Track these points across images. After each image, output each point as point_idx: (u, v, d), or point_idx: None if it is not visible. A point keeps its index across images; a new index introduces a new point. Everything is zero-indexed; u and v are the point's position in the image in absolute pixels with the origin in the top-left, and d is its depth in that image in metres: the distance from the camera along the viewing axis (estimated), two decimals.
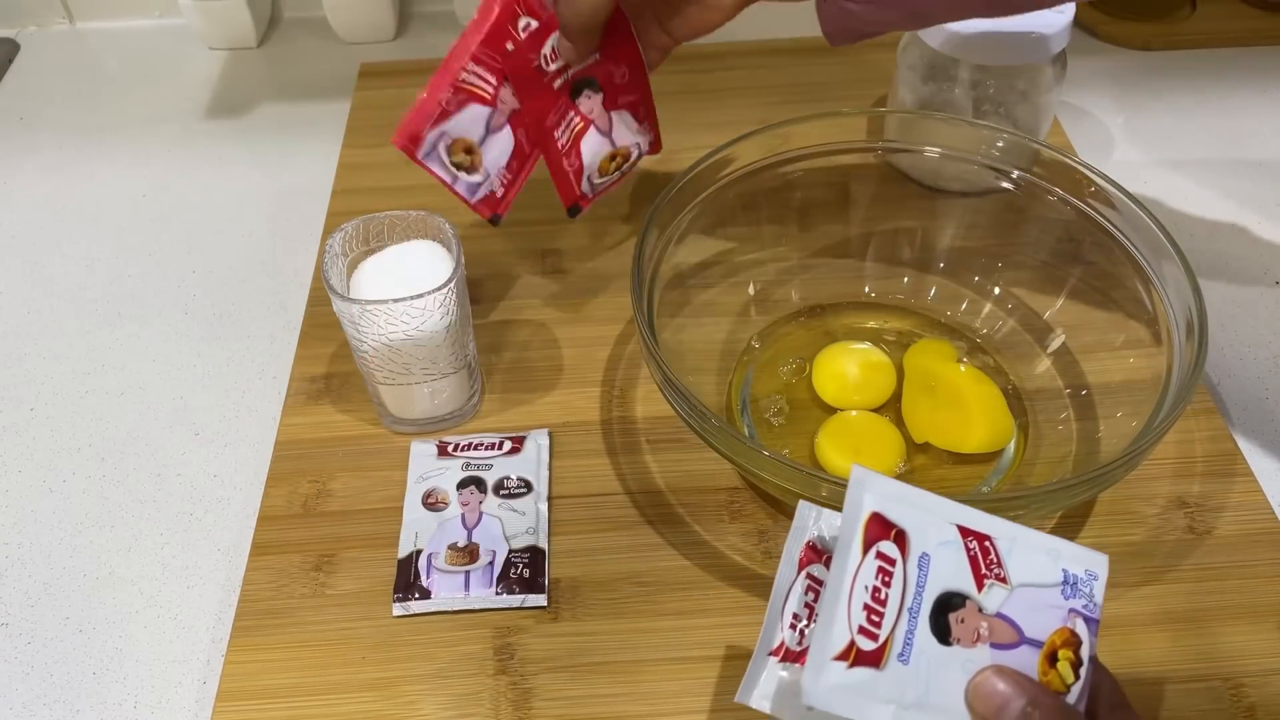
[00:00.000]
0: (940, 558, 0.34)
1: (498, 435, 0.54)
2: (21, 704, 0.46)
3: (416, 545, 0.50)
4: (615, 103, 0.56)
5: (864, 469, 0.35)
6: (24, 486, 0.55)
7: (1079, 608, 0.34)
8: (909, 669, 0.32)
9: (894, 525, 0.34)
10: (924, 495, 0.35)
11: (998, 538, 0.35)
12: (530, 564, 0.49)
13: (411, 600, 0.48)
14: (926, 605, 0.33)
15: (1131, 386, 0.50)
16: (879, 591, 0.33)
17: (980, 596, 0.34)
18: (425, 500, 0.51)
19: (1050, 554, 0.35)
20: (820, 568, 0.36)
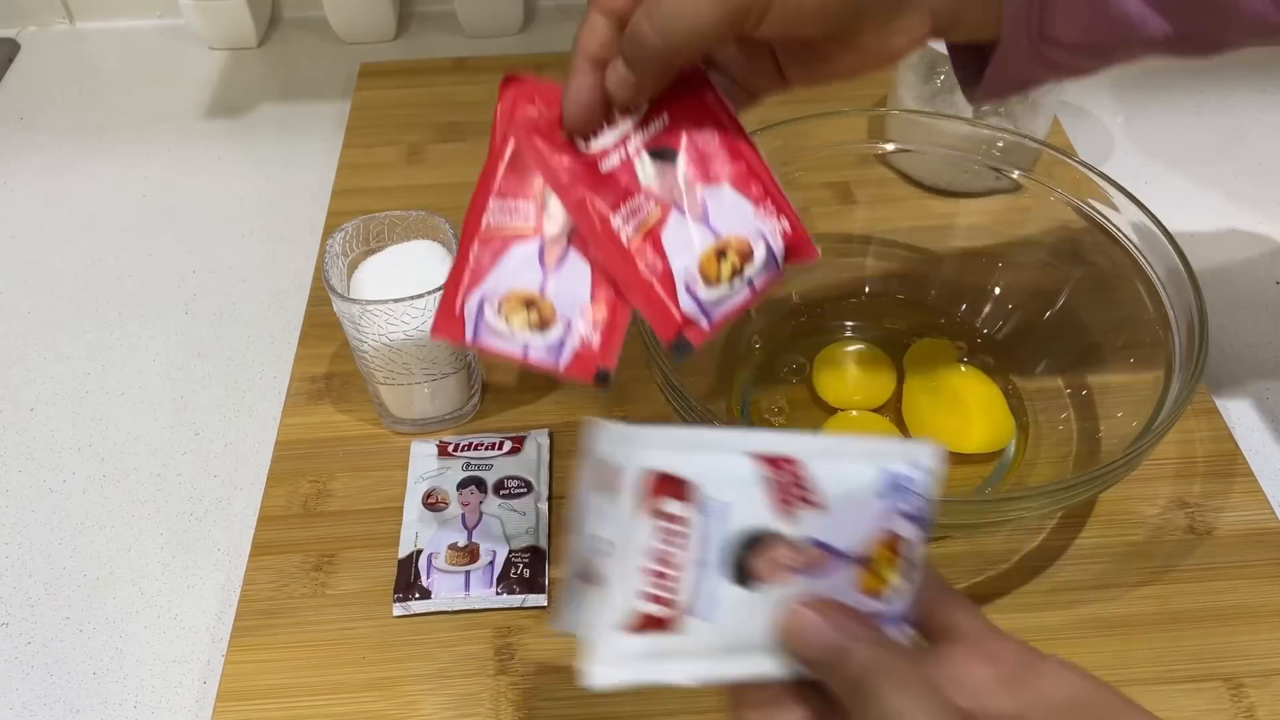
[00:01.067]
0: (735, 499, 0.30)
1: (498, 435, 0.54)
2: (21, 704, 0.46)
3: (417, 545, 0.50)
4: (708, 176, 0.38)
5: (628, 426, 0.30)
6: (24, 486, 0.55)
7: (903, 507, 0.32)
8: (711, 623, 0.30)
9: (675, 478, 0.30)
10: (708, 433, 0.31)
11: (802, 457, 0.31)
12: (531, 564, 0.49)
13: (412, 600, 0.48)
14: (724, 555, 0.30)
15: (1132, 387, 0.50)
16: (666, 553, 0.30)
17: (786, 528, 0.30)
18: (425, 500, 0.51)
19: (867, 458, 0.32)
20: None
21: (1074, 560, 0.49)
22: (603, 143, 0.37)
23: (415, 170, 0.72)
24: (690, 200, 0.38)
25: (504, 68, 0.80)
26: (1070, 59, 0.37)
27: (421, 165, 0.72)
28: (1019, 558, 0.49)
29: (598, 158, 0.37)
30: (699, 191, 0.38)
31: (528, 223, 0.38)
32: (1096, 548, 0.50)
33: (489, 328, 0.38)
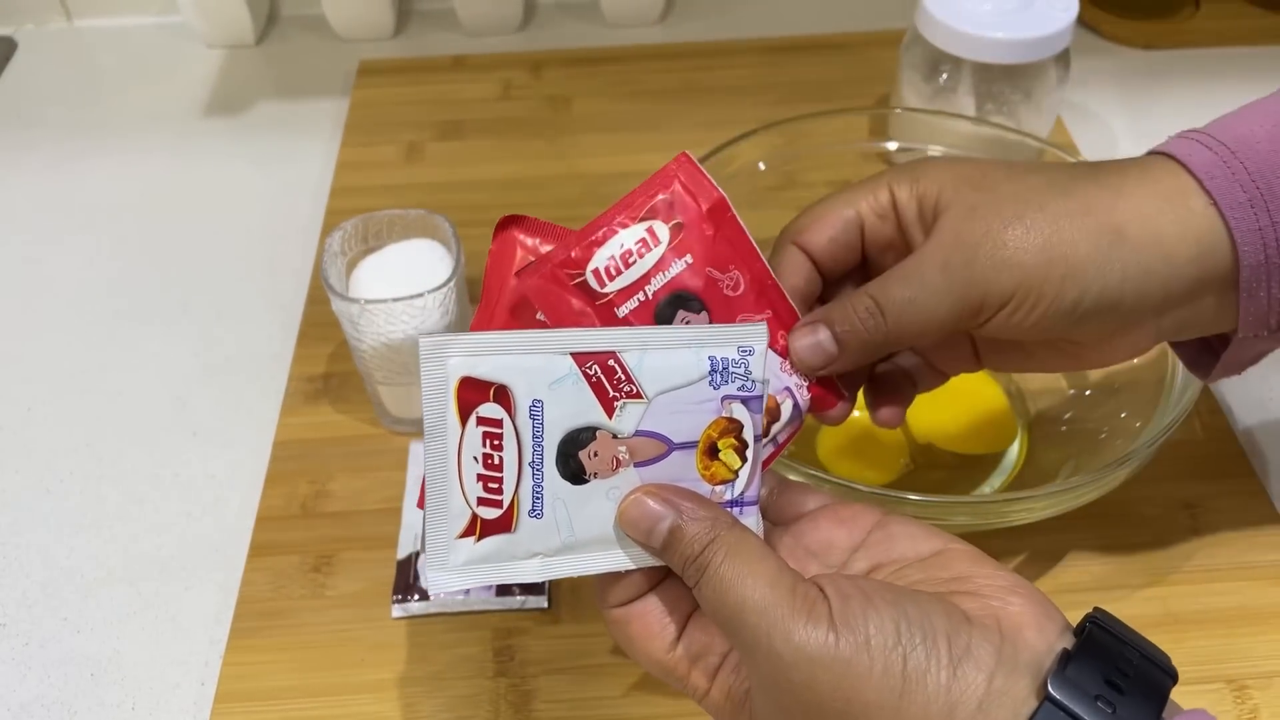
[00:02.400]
0: (555, 398, 0.31)
1: None
2: (19, 705, 0.46)
3: (416, 546, 0.49)
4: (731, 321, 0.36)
5: (433, 336, 0.31)
6: (22, 486, 0.55)
7: (734, 391, 0.32)
8: (545, 520, 0.31)
9: (490, 383, 0.30)
10: (523, 334, 0.31)
11: (623, 350, 0.31)
12: None
13: (411, 601, 0.47)
14: (550, 452, 0.31)
15: (1135, 387, 0.50)
16: (490, 457, 0.30)
17: (612, 422, 0.31)
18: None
19: (692, 345, 0.32)
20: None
21: (1076, 561, 0.49)
22: (619, 283, 0.34)
23: (414, 168, 0.72)
24: None
25: (503, 65, 0.81)
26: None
27: (421, 163, 0.72)
28: (1021, 559, 0.49)
29: (614, 300, 0.34)
30: None
31: None
32: (1098, 549, 0.50)
33: None
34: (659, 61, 0.80)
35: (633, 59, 0.80)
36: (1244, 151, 0.32)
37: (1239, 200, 0.32)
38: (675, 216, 0.35)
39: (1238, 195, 0.32)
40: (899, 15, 0.76)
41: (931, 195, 0.35)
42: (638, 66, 0.79)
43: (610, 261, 0.34)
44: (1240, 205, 0.32)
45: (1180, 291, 0.33)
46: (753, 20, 0.85)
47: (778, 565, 0.29)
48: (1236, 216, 0.32)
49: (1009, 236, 0.32)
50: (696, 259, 0.35)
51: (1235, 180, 0.32)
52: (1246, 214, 0.32)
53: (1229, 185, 0.32)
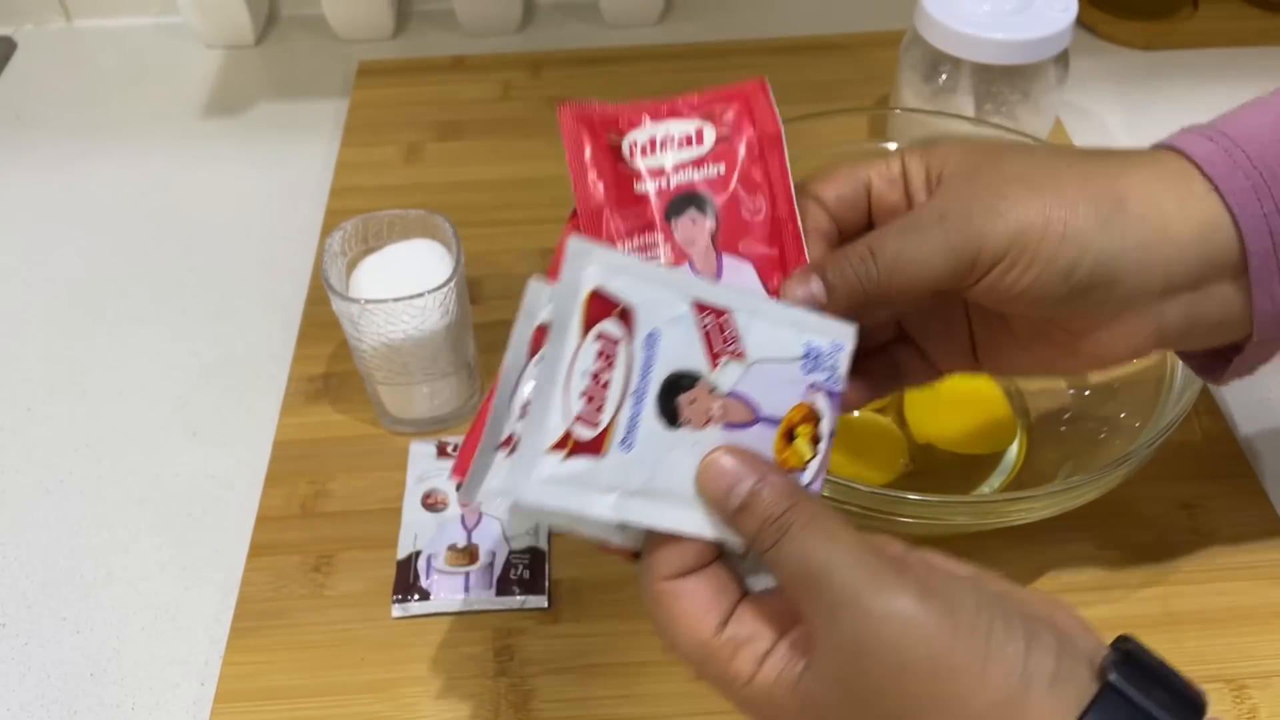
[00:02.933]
0: (670, 335, 0.31)
1: None
2: (19, 705, 0.46)
3: (416, 546, 0.49)
4: (734, 245, 0.35)
5: (582, 240, 0.31)
6: (21, 487, 0.55)
7: (820, 382, 0.32)
8: (633, 455, 0.30)
9: (618, 302, 0.30)
10: (655, 268, 0.32)
11: (736, 311, 0.32)
12: (530, 565, 0.48)
13: (411, 601, 0.47)
14: (653, 387, 0.31)
15: (1134, 387, 0.50)
16: (600, 376, 0.30)
17: (713, 375, 0.31)
18: (425, 501, 0.51)
19: (794, 327, 0.32)
20: None
21: (1076, 561, 0.49)
22: (649, 162, 0.34)
23: (414, 169, 0.72)
24: (704, 260, 0.35)
25: (503, 65, 0.81)
26: None
27: (420, 164, 0.72)
28: (1021, 559, 0.49)
29: (637, 174, 0.34)
30: (721, 261, 0.35)
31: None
32: (1098, 549, 0.50)
33: None
34: (658, 62, 0.80)
35: (632, 59, 0.80)
36: (1245, 141, 0.32)
37: (1241, 186, 0.31)
38: (726, 128, 0.35)
39: (1240, 181, 0.31)
40: (898, 16, 0.76)
41: (938, 165, 0.35)
42: (637, 67, 0.79)
43: (649, 140, 0.35)
44: (1243, 191, 0.31)
45: (1183, 274, 0.32)
46: (752, 21, 0.85)
47: (859, 534, 0.29)
48: (1239, 202, 0.32)
49: (1009, 191, 0.32)
50: (728, 172, 0.35)
51: (1237, 168, 0.32)
52: (1250, 199, 0.31)
53: (1230, 172, 0.32)
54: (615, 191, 0.34)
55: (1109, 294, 0.32)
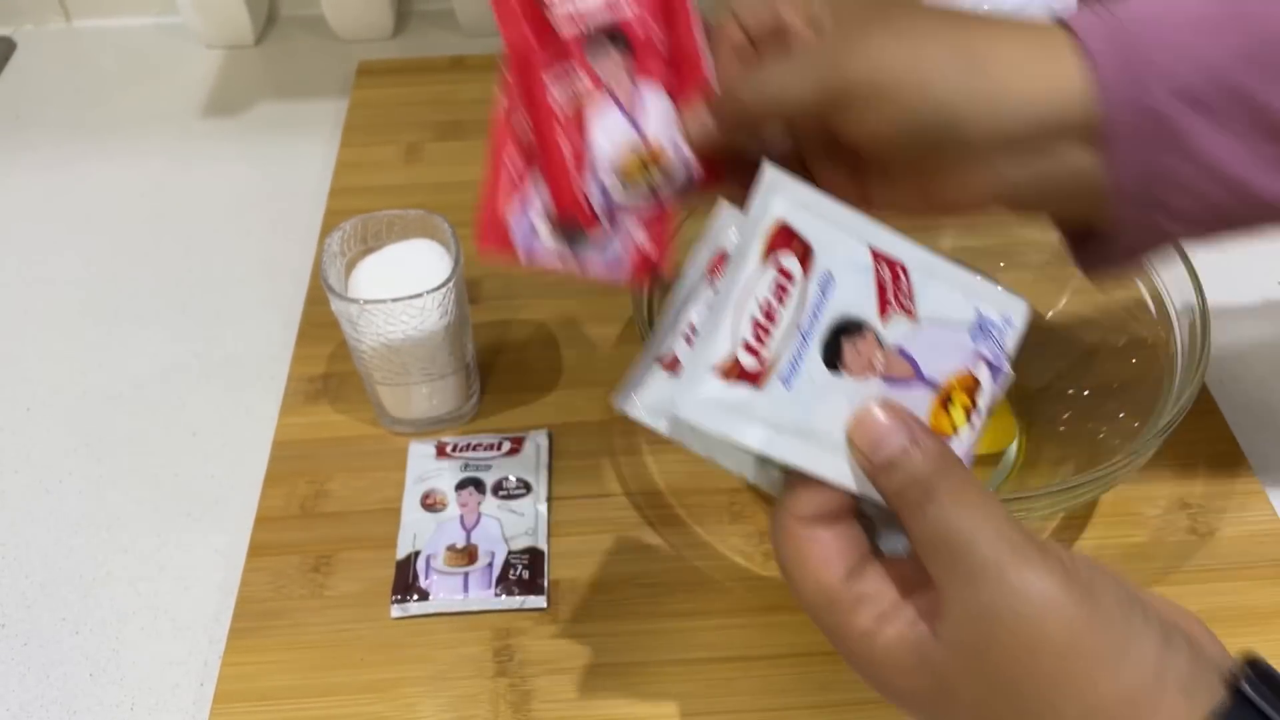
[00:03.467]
0: (846, 280, 0.31)
1: (497, 436, 0.54)
2: (19, 705, 0.46)
3: (415, 546, 0.49)
4: (648, 70, 0.38)
5: (778, 171, 0.31)
6: (21, 487, 0.55)
7: (986, 353, 0.32)
8: (791, 393, 0.30)
9: (801, 238, 0.31)
10: (842, 210, 0.32)
11: (913, 267, 0.32)
12: (529, 565, 0.48)
13: (410, 601, 0.47)
14: (821, 328, 0.31)
15: (1134, 387, 0.50)
16: (772, 306, 0.30)
17: (882, 327, 0.31)
18: (424, 501, 0.51)
19: (967, 292, 0.32)
20: None
21: None
22: (570, 6, 0.37)
23: (414, 169, 0.72)
24: (624, 90, 0.38)
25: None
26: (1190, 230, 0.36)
27: (420, 164, 0.72)
28: None
29: (557, 21, 0.37)
30: (640, 89, 0.38)
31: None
32: (1098, 549, 0.50)
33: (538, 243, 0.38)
34: None
35: None
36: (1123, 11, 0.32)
37: (1106, 49, 0.32)
38: None
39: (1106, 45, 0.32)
40: None
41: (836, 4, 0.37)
42: None
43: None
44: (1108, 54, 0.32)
45: (1032, 127, 0.33)
46: None
47: (1005, 508, 0.29)
48: (1103, 64, 0.32)
49: (874, 31, 0.34)
50: (639, 8, 0.38)
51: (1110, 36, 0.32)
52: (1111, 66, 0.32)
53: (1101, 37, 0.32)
54: (539, 38, 0.37)
55: (948, 142, 0.34)
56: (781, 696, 0.45)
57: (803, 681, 0.45)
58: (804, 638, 0.46)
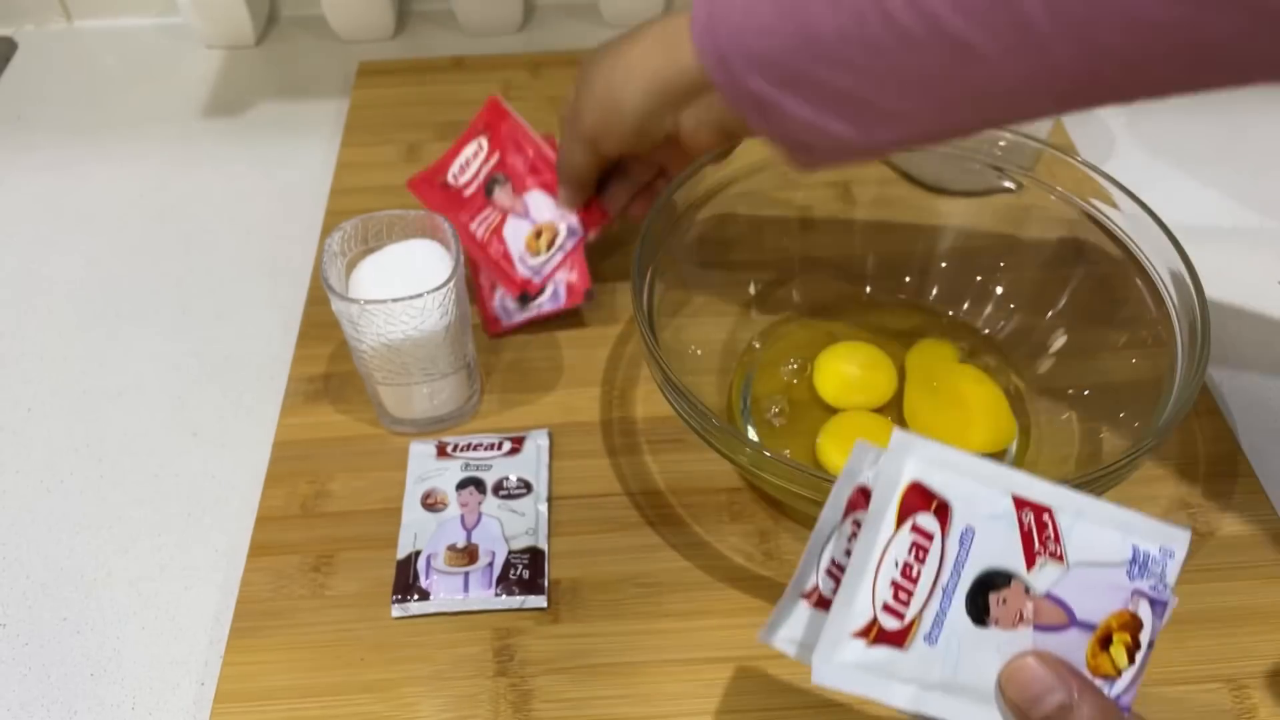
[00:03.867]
0: (987, 532, 0.31)
1: (497, 436, 0.54)
2: (19, 704, 0.46)
3: (415, 546, 0.49)
4: (524, 186, 0.59)
5: (907, 432, 0.31)
6: (21, 487, 0.55)
7: (1145, 589, 0.32)
8: (936, 649, 0.30)
9: (936, 496, 0.31)
10: (978, 462, 0.32)
11: (1060, 510, 0.31)
12: (530, 565, 0.48)
13: (410, 601, 0.47)
14: (965, 584, 0.31)
15: (1134, 387, 0.50)
16: (910, 568, 0.30)
17: (1029, 575, 0.31)
18: (424, 501, 0.51)
19: (1121, 528, 0.32)
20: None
21: None
22: (464, 179, 0.61)
23: (414, 169, 0.71)
24: (515, 206, 0.59)
25: (503, 66, 0.81)
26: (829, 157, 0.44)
27: (420, 164, 0.72)
28: None
29: (462, 188, 0.61)
30: (524, 199, 0.59)
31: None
32: None
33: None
34: None
35: None
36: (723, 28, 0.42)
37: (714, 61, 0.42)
38: (487, 132, 0.61)
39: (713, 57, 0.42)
40: None
41: None
42: None
43: (459, 167, 0.61)
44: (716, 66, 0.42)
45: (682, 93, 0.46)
46: None
47: None
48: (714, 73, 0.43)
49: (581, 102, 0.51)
50: (502, 152, 0.60)
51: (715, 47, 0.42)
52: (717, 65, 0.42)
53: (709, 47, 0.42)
54: (454, 203, 0.61)
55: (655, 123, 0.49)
56: (781, 696, 0.45)
57: (803, 681, 0.45)
58: None
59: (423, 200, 0.61)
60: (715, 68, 0.42)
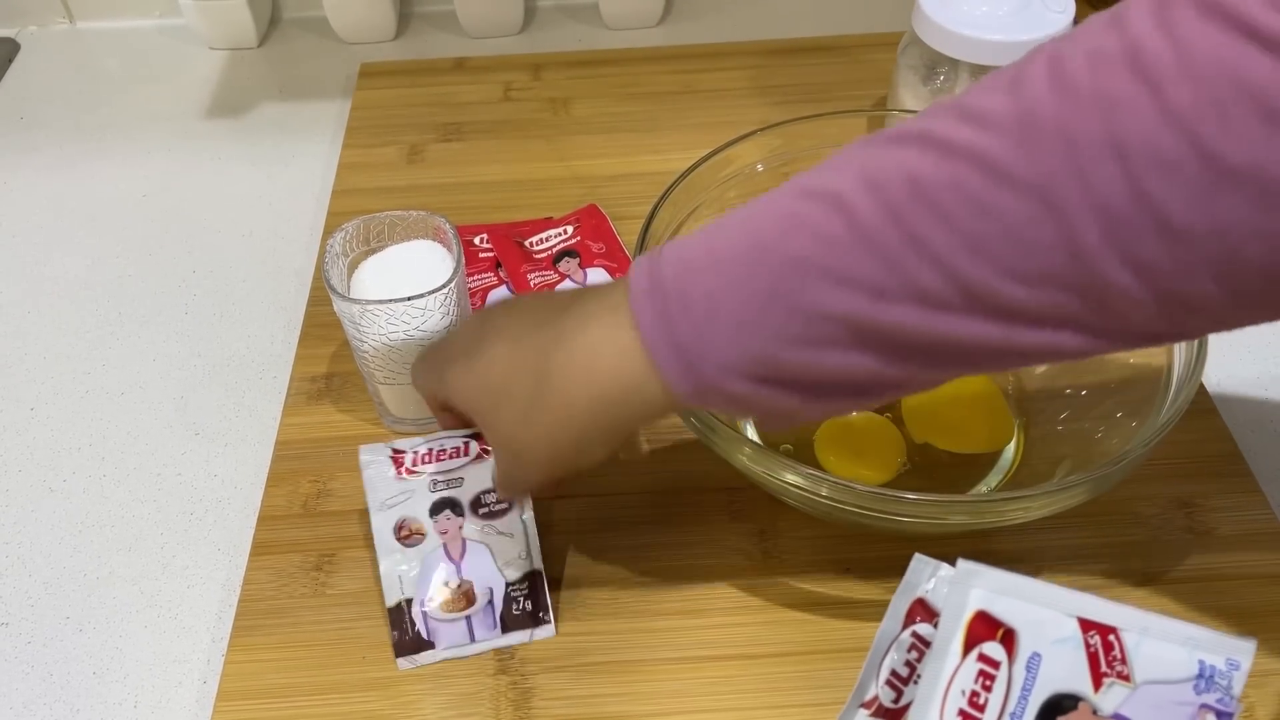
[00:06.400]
0: (1054, 657, 0.31)
1: (460, 436, 0.49)
2: (22, 703, 0.46)
3: (404, 593, 0.46)
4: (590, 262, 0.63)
5: (972, 563, 0.32)
6: (24, 486, 0.55)
7: (1212, 702, 0.32)
8: None
9: (1001, 624, 0.32)
10: (1043, 587, 0.32)
11: (1125, 629, 0.32)
12: (530, 593, 0.47)
13: (419, 654, 0.46)
14: (1033, 709, 0.31)
15: (1131, 386, 0.50)
16: (978, 696, 0.31)
17: (1096, 697, 0.31)
18: (399, 535, 0.47)
19: (1187, 644, 0.32)
20: (928, 627, 0.34)
21: (1073, 560, 0.49)
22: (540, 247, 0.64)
23: (415, 170, 0.72)
24: (577, 274, 0.62)
25: (504, 67, 0.81)
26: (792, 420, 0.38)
27: (422, 165, 0.72)
28: (1018, 557, 0.49)
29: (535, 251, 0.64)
30: (584, 272, 0.62)
31: None
32: (1096, 548, 0.50)
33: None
34: (658, 64, 0.80)
35: (632, 61, 0.80)
36: (680, 314, 0.35)
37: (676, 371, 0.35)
38: (577, 224, 0.65)
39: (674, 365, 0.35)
40: (896, 18, 0.76)
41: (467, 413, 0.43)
42: (637, 69, 0.80)
43: (540, 239, 0.64)
44: (679, 374, 0.35)
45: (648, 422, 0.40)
46: (751, 23, 0.86)
47: None
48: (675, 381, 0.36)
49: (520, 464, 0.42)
50: (583, 237, 0.64)
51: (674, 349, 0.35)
52: (684, 379, 0.35)
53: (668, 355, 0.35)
54: (522, 257, 0.63)
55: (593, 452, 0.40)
56: (781, 695, 0.45)
57: (803, 680, 0.45)
58: (804, 636, 0.47)
59: (494, 244, 0.63)
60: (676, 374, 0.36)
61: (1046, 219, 0.29)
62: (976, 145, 0.30)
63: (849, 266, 0.32)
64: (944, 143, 0.30)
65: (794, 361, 0.34)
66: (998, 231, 0.29)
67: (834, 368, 0.34)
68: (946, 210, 0.30)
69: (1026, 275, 0.30)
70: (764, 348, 0.34)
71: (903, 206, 0.31)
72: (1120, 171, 0.27)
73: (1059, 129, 0.28)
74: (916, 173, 0.31)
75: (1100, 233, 0.28)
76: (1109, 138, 0.27)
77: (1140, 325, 0.30)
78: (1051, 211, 0.29)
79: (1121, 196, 0.28)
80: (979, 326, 0.31)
